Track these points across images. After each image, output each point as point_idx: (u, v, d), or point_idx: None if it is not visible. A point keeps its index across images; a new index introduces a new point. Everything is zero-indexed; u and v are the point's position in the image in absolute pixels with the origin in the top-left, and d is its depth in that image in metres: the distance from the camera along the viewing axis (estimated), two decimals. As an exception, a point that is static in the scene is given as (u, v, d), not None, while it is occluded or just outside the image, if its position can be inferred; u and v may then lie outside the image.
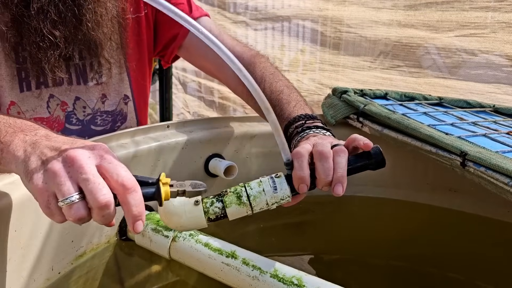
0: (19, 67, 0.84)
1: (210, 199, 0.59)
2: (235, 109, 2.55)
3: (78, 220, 0.48)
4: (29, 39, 0.78)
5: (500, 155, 0.70)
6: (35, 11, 0.76)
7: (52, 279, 0.68)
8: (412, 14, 1.62)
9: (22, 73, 0.84)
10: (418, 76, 1.65)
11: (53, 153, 0.48)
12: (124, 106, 0.98)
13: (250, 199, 0.59)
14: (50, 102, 0.89)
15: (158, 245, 0.72)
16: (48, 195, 0.47)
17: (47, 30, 0.77)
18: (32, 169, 0.48)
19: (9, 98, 0.84)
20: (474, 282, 0.83)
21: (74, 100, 0.91)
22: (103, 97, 0.94)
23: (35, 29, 0.77)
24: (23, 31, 0.78)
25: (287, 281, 0.59)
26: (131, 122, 1.00)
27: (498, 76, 1.43)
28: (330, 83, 1.91)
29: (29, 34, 0.78)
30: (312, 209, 1.00)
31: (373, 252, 0.89)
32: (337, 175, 0.62)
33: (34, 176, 0.47)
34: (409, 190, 1.02)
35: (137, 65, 0.98)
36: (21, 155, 0.50)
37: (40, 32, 0.77)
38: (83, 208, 0.47)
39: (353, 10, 1.82)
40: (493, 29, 1.40)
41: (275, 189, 0.60)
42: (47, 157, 0.48)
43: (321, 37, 2.01)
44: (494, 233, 0.94)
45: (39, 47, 0.79)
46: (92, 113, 0.94)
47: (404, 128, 0.84)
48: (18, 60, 0.83)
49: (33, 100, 0.87)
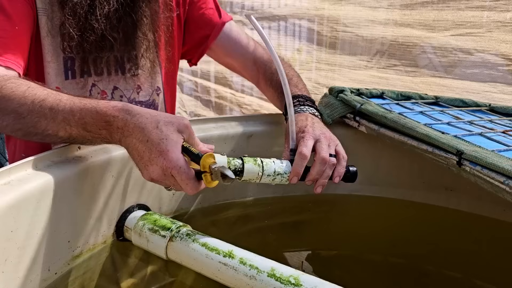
0: (65, 56, 0.92)
1: (233, 158, 0.75)
2: (232, 108, 2.55)
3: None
4: (89, 38, 0.89)
5: (496, 154, 0.71)
6: (100, 17, 0.87)
7: (48, 279, 0.68)
8: (408, 13, 1.62)
9: (68, 62, 0.93)
10: (414, 75, 1.66)
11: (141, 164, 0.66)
12: (156, 97, 1.07)
13: (263, 163, 0.76)
14: (92, 90, 0.97)
15: (155, 245, 0.71)
16: (153, 181, 0.67)
17: (107, 33, 0.89)
18: (141, 168, 0.66)
19: (55, 84, 0.92)
20: (470, 280, 0.84)
21: (113, 90, 1.00)
22: (138, 88, 1.03)
23: (96, 31, 0.88)
24: (85, 31, 0.88)
25: (285, 280, 0.60)
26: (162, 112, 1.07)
27: (494, 75, 1.44)
28: (327, 82, 1.91)
29: (90, 34, 0.88)
30: (308, 208, 1.00)
31: (370, 251, 0.89)
32: (323, 179, 0.81)
33: (144, 172, 0.66)
34: (405, 188, 1.02)
35: (167, 60, 1.07)
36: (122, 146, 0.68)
37: (101, 34, 0.89)
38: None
39: (350, 9, 1.82)
40: (488, 28, 1.41)
41: (281, 163, 0.78)
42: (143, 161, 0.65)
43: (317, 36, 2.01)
44: (490, 232, 0.95)
45: (99, 47, 0.91)
46: (127, 102, 0.98)
47: (400, 127, 0.84)
48: (66, 50, 0.91)
49: (76, 87, 0.95)
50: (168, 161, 0.63)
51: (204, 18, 1.09)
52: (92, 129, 0.67)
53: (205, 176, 0.66)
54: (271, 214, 1.00)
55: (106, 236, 0.79)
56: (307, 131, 0.82)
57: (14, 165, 0.66)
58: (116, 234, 0.79)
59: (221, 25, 1.10)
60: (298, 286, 0.58)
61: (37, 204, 0.64)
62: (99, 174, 0.75)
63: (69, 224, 0.71)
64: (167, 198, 0.89)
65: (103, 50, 0.91)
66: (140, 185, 0.83)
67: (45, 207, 0.66)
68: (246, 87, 2.50)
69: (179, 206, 0.92)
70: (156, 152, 0.63)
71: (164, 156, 0.63)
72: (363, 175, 1.01)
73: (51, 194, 0.67)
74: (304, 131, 0.82)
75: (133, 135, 0.65)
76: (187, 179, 0.64)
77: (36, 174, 0.67)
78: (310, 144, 0.79)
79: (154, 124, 0.65)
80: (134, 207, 0.81)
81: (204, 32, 1.10)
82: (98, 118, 0.67)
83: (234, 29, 1.12)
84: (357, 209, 1.04)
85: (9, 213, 0.60)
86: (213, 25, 1.09)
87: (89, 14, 0.87)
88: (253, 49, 1.10)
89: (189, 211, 0.94)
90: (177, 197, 0.91)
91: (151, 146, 0.64)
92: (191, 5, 1.09)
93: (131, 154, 0.67)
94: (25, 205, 0.62)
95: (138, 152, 0.65)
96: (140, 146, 0.65)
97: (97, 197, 0.75)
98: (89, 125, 0.67)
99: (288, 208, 1.00)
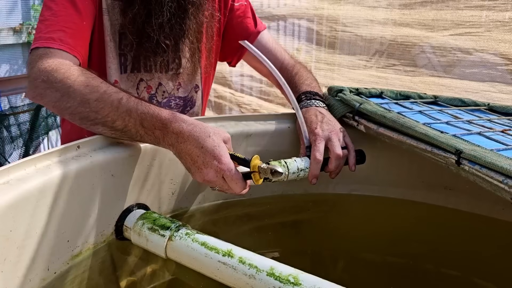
0: (120, 53, 1.03)
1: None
2: (231, 108, 2.55)
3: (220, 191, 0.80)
4: (145, 44, 1.00)
5: (494, 153, 0.71)
6: (155, 26, 0.97)
7: (48, 279, 0.68)
8: (407, 13, 1.63)
9: (122, 58, 1.04)
10: (413, 74, 1.66)
11: (194, 167, 0.76)
12: (194, 94, 1.18)
13: (287, 163, 0.82)
14: (140, 84, 1.08)
15: (154, 244, 0.72)
16: (205, 182, 0.77)
17: (161, 40, 0.99)
18: (189, 168, 0.77)
19: (114, 77, 1.04)
20: (469, 279, 0.84)
21: (157, 85, 1.10)
22: (178, 85, 1.14)
23: (152, 38, 0.99)
24: (142, 38, 1.00)
25: (284, 279, 0.60)
26: (198, 108, 1.21)
27: (493, 74, 1.44)
28: (326, 82, 1.91)
29: (146, 41, 1.00)
30: (308, 208, 1.00)
31: (369, 250, 0.89)
32: (338, 170, 0.91)
33: (197, 174, 0.76)
34: (404, 188, 1.02)
35: (207, 64, 1.18)
36: (173, 150, 0.77)
37: (156, 41, 0.99)
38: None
39: (349, 9, 1.82)
40: (487, 28, 1.41)
41: (301, 160, 0.85)
42: (195, 166, 0.76)
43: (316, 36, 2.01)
44: (489, 231, 0.95)
45: (154, 52, 1.01)
46: (168, 97, 1.13)
47: (399, 126, 0.84)
48: (121, 47, 1.03)
49: (128, 81, 1.06)
50: (222, 164, 0.74)
51: (242, 26, 1.20)
52: (148, 126, 0.76)
53: (254, 175, 0.77)
54: (270, 213, 1.00)
55: (105, 236, 0.79)
56: (317, 133, 0.89)
57: (13, 164, 0.66)
58: (116, 233, 0.79)
59: (256, 34, 1.20)
60: (297, 285, 0.59)
61: (36, 203, 0.64)
62: (99, 174, 0.75)
63: (69, 224, 0.71)
64: (167, 197, 0.89)
65: (157, 55, 1.02)
66: (139, 184, 0.83)
67: (44, 207, 0.66)
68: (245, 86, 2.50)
69: (178, 206, 0.92)
70: (211, 157, 0.74)
71: (218, 160, 0.74)
72: (363, 175, 1.02)
73: (50, 194, 0.67)
74: (315, 133, 0.89)
75: (187, 142, 0.75)
76: (237, 179, 0.75)
77: (35, 173, 0.67)
78: (322, 147, 0.88)
79: (207, 134, 0.76)
80: (133, 207, 0.81)
81: (241, 39, 1.16)
82: (157, 119, 0.76)
83: (267, 37, 1.22)
84: (356, 208, 1.04)
85: (8, 212, 0.60)
86: (249, 33, 1.19)
87: (146, 23, 0.98)
88: (281, 57, 1.20)
89: (188, 210, 0.94)
90: (177, 197, 0.91)
91: (206, 151, 0.74)
92: (231, 12, 1.19)
93: (183, 158, 0.77)
94: (24, 205, 0.62)
95: (192, 156, 0.75)
96: (195, 151, 0.75)
97: (96, 197, 0.75)
98: (146, 122, 0.76)
99: (288, 208, 1.00)
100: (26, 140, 2.71)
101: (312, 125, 0.92)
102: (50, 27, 0.89)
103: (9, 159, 2.66)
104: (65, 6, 0.92)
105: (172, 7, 0.98)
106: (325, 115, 0.95)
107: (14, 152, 2.70)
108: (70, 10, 0.92)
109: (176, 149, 0.76)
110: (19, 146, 2.71)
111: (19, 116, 2.68)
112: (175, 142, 0.76)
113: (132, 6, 0.97)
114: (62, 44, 0.88)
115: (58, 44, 0.87)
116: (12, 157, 2.69)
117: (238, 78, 2.52)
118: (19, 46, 3.27)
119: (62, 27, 0.90)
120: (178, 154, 0.77)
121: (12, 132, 2.66)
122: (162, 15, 0.97)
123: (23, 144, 2.72)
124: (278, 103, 2.31)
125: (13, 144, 2.67)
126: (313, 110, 0.96)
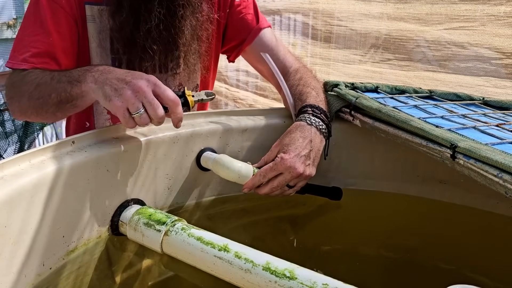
0: (113, 57, 1.04)
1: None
2: (227, 103, 2.55)
3: (144, 124, 0.75)
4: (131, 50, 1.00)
5: (489, 147, 0.71)
6: (143, 32, 0.97)
7: (43, 274, 0.68)
8: (402, 7, 1.63)
9: (115, 62, 1.04)
10: (408, 69, 1.66)
11: (122, 84, 0.74)
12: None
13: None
14: None
15: (150, 239, 0.71)
16: (124, 110, 0.73)
17: (148, 45, 0.98)
18: (110, 95, 0.74)
19: None
20: (463, 272, 0.84)
21: None
22: (180, 85, 1.13)
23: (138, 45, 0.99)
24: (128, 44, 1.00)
25: (280, 273, 0.60)
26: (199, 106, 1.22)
27: (487, 69, 1.44)
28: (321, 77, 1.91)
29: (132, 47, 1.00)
30: (303, 202, 1.00)
31: (365, 244, 0.90)
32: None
33: (113, 99, 0.73)
34: (399, 182, 1.03)
35: (206, 60, 1.15)
36: (95, 86, 0.76)
37: (142, 46, 0.99)
38: (147, 118, 0.74)
39: (343, 3, 1.82)
40: (482, 22, 1.41)
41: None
42: (118, 86, 0.74)
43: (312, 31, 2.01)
44: (484, 224, 0.95)
45: (140, 58, 1.01)
46: None
47: (394, 121, 0.84)
48: (113, 51, 1.03)
49: None
50: (152, 77, 0.76)
51: (243, 23, 1.15)
52: (74, 77, 0.80)
53: (188, 97, 0.83)
54: (266, 208, 1.00)
55: (101, 231, 0.78)
56: (280, 162, 0.82)
57: (7, 160, 0.66)
58: (111, 229, 0.79)
59: (257, 31, 1.15)
60: (293, 279, 0.59)
61: (31, 199, 0.64)
62: (94, 169, 0.75)
63: (64, 219, 0.70)
64: (162, 192, 0.89)
65: (144, 60, 1.01)
66: (135, 179, 0.82)
67: (39, 202, 0.65)
68: (241, 82, 2.50)
69: (174, 201, 0.92)
70: (141, 74, 0.76)
71: (147, 76, 0.76)
72: (358, 169, 1.02)
73: (45, 189, 0.66)
74: (282, 157, 0.82)
75: (115, 71, 0.78)
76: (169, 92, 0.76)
77: (30, 168, 0.67)
78: (270, 175, 0.83)
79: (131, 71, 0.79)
80: (129, 202, 0.81)
81: (241, 37, 1.16)
82: (81, 69, 0.81)
83: (269, 37, 1.16)
84: (351, 203, 1.04)
85: (3, 208, 0.60)
86: (249, 30, 1.15)
87: (134, 30, 0.97)
88: (283, 59, 1.14)
89: (184, 205, 0.94)
90: (173, 192, 0.91)
91: (134, 72, 0.77)
92: (231, 8, 1.15)
93: (107, 85, 0.75)
94: (18, 200, 0.62)
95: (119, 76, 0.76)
96: (123, 73, 0.77)
97: (91, 192, 0.75)
98: (72, 75, 0.81)
99: (283, 202, 1.00)
100: (21, 136, 2.70)
101: (283, 148, 0.84)
102: (18, 45, 0.99)
103: (4, 155, 2.64)
104: (35, 22, 0.97)
105: (161, 12, 0.97)
106: (312, 148, 0.86)
107: (9, 148, 2.69)
108: (37, 29, 0.97)
109: (96, 82, 0.77)
110: (14, 142, 2.70)
111: (14, 111, 2.66)
112: (99, 75, 0.77)
113: (120, 13, 0.97)
114: (25, 63, 0.95)
115: (21, 64, 0.95)
116: (7, 153, 2.68)
117: (234, 73, 2.51)
118: (13, 41, 3.24)
119: (28, 48, 0.96)
120: (101, 84, 0.76)
121: (7, 127, 2.64)
122: (150, 20, 0.96)
123: (18, 139, 2.70)
124: (273, 98, 2.30)
125: (7, 139, 2.66)
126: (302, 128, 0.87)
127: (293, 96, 0.99)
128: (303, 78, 1.04)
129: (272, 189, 0.84)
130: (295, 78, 1.05)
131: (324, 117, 0.91)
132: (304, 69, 1.11)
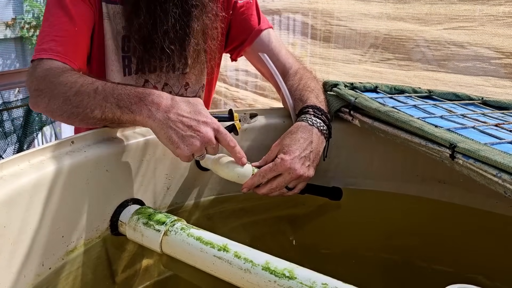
0: (124, 55, 1.05)
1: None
2: (226, 103, 2.55)
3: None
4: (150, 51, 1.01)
5: (488, 147, 0.71)
6: (160, 33, 0.98)
7: (42, 274, 0.68)
8: (401, 7, 1.63)
9: (125, 60, 1.06)
10: (407, 69, 1.66)
11: (190, 131, 0.74)
12: (201, 94, 1.19)
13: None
14: (145, 85, 1.08)
15: (149, 239, 0.72)
16: (190, 156, 0.76)
17: (166, 45, 0.99)
18: (177, 142, 0.74)
19: (117, 79, 1.05)
20: (463, 272, 0.84)
21: (163, 86, 1.11)
22: (186, 85, 1.14)
23: (157, 44, 0.99)
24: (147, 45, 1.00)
25: (279, 273, 0.60)
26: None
27: (487, 68, 1.44)
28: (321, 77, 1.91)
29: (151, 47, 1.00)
30: (303, 202, 1.00)
31: (364, 244, 0.90)
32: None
33: (181, 146, 0.74)
34: (399, 182, 1.03)
35: (212, 60, 1.16)
36: (155, 124, 0.75)
37: (161, 47, 0.99)
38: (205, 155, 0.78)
39: (343, 3, 1.82)
40: (481, 22, 1.41)
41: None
42: (186, 134, 0.74)
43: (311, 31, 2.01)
44: (483, 224, 0.95)
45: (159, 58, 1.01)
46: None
47: (394, 121, 0.84)
48: (124, 50, 1.04)
49: (132, 83, 1.05)
50: (212, 120, 0.77)
51: (245, 24, 1.16)
52: (125, 105, 0.76)
53: (237, 124, 0.87)
54: (265, 208, 1.00)
55: (100, 231, 0.78)
56: (280, 163, 0.83)
57: (6, 160, 0.66)
58: (111, 229, 0.79)
59: (258, 32, 1.16)
60: (292, 279, 0.59)
61: (30, 199, 0.64)
62: (93, 169, 0.75)
63: (63, 219, 0.70)
64: (162, 192, 0.89)
65: (162, 60, 1.02)
66: (134, 179, 0.82)
67: (38, 202, 0.65)
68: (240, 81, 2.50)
69: (173, 200, 0.92)
70: (202, 115, 0.77)
71: (206, 117, 0.76)
72: (358, 169, 1.02)
73: (44, 189, 0.67)
74: (282, 158, 0.83)
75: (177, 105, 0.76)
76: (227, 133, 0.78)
77: (29, 169, 0.67)
78: (270, 176, 0.84)
79: (186, 99, 0.78)
80: (128, 202, 0.81)
81: (243, 37, 1.17)
82: (133, 95, 0.77)
83: (271, 38, 1.17)
84: (351, 202, 1.04)
85: (2, 208, 0.60)
86: (251, 30, 1.16)
87: (152, 31, 0.98)
88: (283, 60, 1.14)
89: (183, 205, 0.94)
90: (172, 191, 0.91)
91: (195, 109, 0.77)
92: (234, 9, 1.16)
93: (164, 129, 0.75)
94: (18, 200, 0.62)
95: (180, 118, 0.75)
96: (185, 108, 0.76)
97: (91, 192, 0.75)
98: (122, 102, 0.77)
99: (283, 202, 1.00)
100: (20, 136, 2.70)
101: (284, 149, 0.85)
102: (44, 38, 0.95)
103: (3, 155, 2.64)
104: (58, 15, 0.95)
105: (177, 13, 0.98)
106: (313, 150, 0.87)
107: (8, 148, 2.69)
108: (62, 18, 0.95)
109: (154, 119, 0.74)
110: (13, 142, 2.70)
111: (13, 111, 2.66)
112: (155, 111, 0.75)
113: (138, 15, 0.97)
114: (51, 53, 0.92)
115: (48, 54, 0.91)
116: (6, 153, 2.68)
117: (233, 73, 2.51)
118: (12, 41, 3.24)
119: (53, 37, 0.94)
120: (163, 126, 0.74)
121: (6, 127, 2.64)
122: (167, 21, 0.98)
123: (17, 139, 2.70)
124: (273, 97, 2.30)
125: (7, 139, 2.66)
126: (304, 129, 0.88)
127: (293, 97, 0.99)
128: (303, 79, 1.05)
129: (271, 190, 0.84)
130: (295, 79, 1.06)
131: (325, 118, 0.92)
132: (304, 70, 1.11)
